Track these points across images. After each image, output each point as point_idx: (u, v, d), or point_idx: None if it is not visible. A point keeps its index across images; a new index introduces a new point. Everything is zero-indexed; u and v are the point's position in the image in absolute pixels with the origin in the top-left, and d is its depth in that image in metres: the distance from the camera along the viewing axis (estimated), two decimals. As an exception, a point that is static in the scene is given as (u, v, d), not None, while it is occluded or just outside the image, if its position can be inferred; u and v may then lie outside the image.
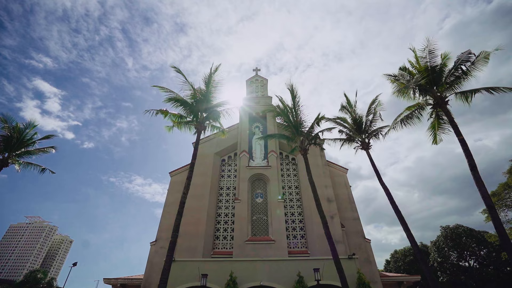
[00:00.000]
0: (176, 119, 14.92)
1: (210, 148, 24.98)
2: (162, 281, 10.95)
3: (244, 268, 14.75)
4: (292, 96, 17.34)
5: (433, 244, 39.39)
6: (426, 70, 12.89)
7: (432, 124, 14.17)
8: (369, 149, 16.14)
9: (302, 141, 16.83)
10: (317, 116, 16.30)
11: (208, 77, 15.34)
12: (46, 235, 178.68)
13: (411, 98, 14.25)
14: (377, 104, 16.93)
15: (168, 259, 11.76)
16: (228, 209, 22.28)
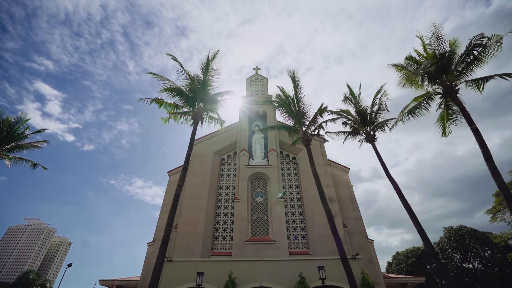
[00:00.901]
0: (172, 109, 14.29)
1: (209, 147, 24.57)
2: (154, 278, 10.44)
3: (244, 269, 14.23)
4: (294, 84, 16.64)
5: (436, 246, 38.70)
6: (434, 57, 12.22)
7: (441, 115, 13.52)
8: (375, 142, 15.52)
9: (305, 132, 16.30)
10: (320, 107, 15.59)
11: (206, 65, 14.61)
12: (45, 237, 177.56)
13: (418, 88, 13.57)
14: (383, 94, 16.19)
15: (161, 255, 11.24)
16: (228, 208, 21.79)
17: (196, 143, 25.23)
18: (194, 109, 14.45)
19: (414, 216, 13.23)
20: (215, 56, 14.93)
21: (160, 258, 11.14)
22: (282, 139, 24.78)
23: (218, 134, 25.54)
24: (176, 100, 14.48)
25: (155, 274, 10.58)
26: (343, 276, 13.18)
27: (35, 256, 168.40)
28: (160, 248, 11.35)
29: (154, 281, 10.38)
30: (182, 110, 14.74)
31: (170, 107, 14.57)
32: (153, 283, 10.29)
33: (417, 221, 12.95)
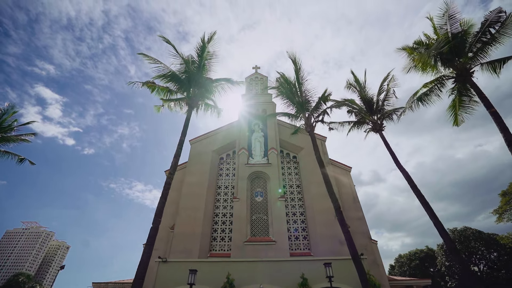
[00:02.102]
0: (165, 94, 13.42)
1: (208, 145, 24.00)
2: (138, 275, 9.66)
3: (243, 270, 13.53)
4: (295, 68, 15.64)
5: (440, 248, 37.83)
6: (446, 38, 11.33)
7: (453, 102, 12.71)
8: (382, 131, 14.72)
9: (308, 117, 15.55)
10: (324, 93, 14.70)
11: (201, 47, 13.59)
12: (43, 241, 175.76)
13: (428, 73, 12.71)
14: (391, 80, 15.21)
15: (148, 249, 10.39)
16: (226, 208, 21.14)
17: (194, 142, 24.73)
18: (188, 93, 13.63)
19: (430, 207, 12.41)
20: (211, 38, 13.91)
21: (147, 252, 10.32)
22: (282, 138, 24.25)
23: (217, 133, 25.03)
24: (170, 85, 13.62)
25: (141, 270, 9.83)
26: (347, 277, 12.58)
27: (33, 259, 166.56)
28: (147, 241, 10.50)
29: (139, 278, 9.61)
30: (176, 96, 13.86)
31: (163, 92, 13.66)
32: (138, 280, 9.52)
33: (432, 213, 12.09)
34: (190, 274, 11.92)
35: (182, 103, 13.81)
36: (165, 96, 13.50)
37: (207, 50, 13.90)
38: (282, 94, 16.06)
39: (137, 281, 9.54)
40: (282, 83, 15.66)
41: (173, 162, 12.55)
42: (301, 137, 24.65)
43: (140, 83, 13.14)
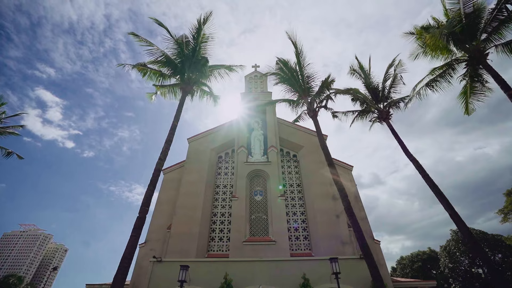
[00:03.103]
0: (158, 79, 12.79)
1: (206, 144, 23.52)
2: (121, 270, 8.89)
3: (241, 270, 12.94)
4: (296, 51, 14.65)
5: (443, 249, 37.12)
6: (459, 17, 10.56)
7: (464, 89, 12.03)
8: (390, 120, 14.12)
9: (310, 102, 14.82)
10: (327, 79, 13.87)
11: (197, 29, 12.71)
12: (41, 244, 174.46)
13: (439, 58, 11.94)
14: (398, 65, 14.33)
15: (133, 241, 9.65)
16: (225, 208, 20.60)
17: (192, 140, 24.25)
18: (183, 78, 12.92)
19: (445, 198, 11.76)
20: (207, 19, 12.93)
21: (132, 244, 9.60)
22: (282, 136, 23.81)
23: (216, 131, 24.58)
24: (163, 70, 12.88)
25: (124, 265, 9.06)
26: (351, 278, 12.02)
27: (30, 262, 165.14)
28: (133, 232, 9.80)
29: (121, 273, 8.87)
30: (170, 81, 13.20)
31: (155, 77, 12.88)
32: (120, 275, 8.80)
33: (448, 204, 11.48)
34: (181, 270, 11.17)
35: (177, 89, 13.09)
36: (157, 81, 12.77)
37: (203, 33, 13.06)
38: (282, 80, 15.00)
39: (119, 276, 8.83)
40: (282, 68, 14.84)
41: (164, 148, 11.86)
42: (301, 136, 24.24)
43: (130, 65, 12.37)
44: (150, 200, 10.61)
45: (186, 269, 11.26)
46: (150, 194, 10.62)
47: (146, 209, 10.31)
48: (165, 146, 11.64)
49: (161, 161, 11.21)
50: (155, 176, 10.97)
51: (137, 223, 10.02)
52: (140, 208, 10.21)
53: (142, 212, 10.17)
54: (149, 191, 10.67)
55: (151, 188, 10.72)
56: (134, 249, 9.59)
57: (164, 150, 11.57)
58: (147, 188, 10.77)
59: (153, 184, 10.86)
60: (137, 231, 9.87)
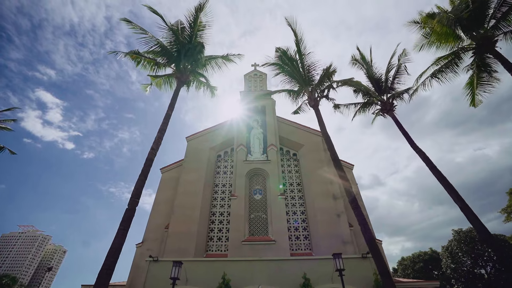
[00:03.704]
0: (152, 68, 12.25)
1: (205, 142, 23.20)
2: (106, 265, 8.32)
3: (240, 270, 12.59)
4: (296, 40, 13.87)
5: (445, 250, 36.68)
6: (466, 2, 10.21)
7: (471, 79, 11.53)
8: (393, 111, 13.63)
9: (311, 91, 14.26)
10: (328, 68, 13.36)
11: (194, 16, 12.11)
12: (39, 245, 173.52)
13: (444, 47, 11.41)
14: (402, 55, 13.73)
15: (121, 233, 9.01)
16: (224, 207, 20.26)
17: (191, 139, 23.92)
18: (178, 67, 12.39)
19: (453, 188, 11.30)
20: (203, 6, 12.28)
21: (120, 238, 8.93)
22: (282, 135, 23.52)
23: (215, 130, 24.28)
24: (159, 60, 12.29)
25: (110, 259, 8.45)
26: (353, 277, 11.67)
27: (29, 264, 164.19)
28: (121, 225, 9.21)
29: (107, 268, 8.27)
30: (165, 71, 12.73)
31: (150, 66, 12.31)
32: (105, 271, 8.19)
33: (458, 196, 11.06)
34: (173, 267, 10.56)
35: (172, 80, 12.60)
36: (152, 70, 12.26)
37: (199, 21, 12.52)
38: (282, 70, 14.47)
39: (104, 271, 8.20)
40: (282, 58, 14.22)
41: (157, 137, 11.27)
42: (301, 134, 23.94)
43: (122, 53, 11.81)
44: (140, 191, 10.03)
45: (179, 266, 10.75)
46: (140, 185, 10.05)
47: (136, 200, 9.74)
48: (158, 135, 11.06)
49: (153, 150, 10.63)
50: (147, 166, 10.42)
51: (126, 215, 9.42)
52: (130, 200, 9.63)
53: (131, 203, 9.55)
54: (140, 181, 10.09)
55: (142, 179, 10.09)
56: (122, 243, 8.92)
57: (156, 140, 10.98)
58: (138, 178, 10.18)
59: (144, 174, 10.27)
60: (126, 224, 9.26)
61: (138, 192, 9.89)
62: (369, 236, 10.57)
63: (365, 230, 10.76)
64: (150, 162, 10.41)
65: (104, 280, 8.07)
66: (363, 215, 11.14)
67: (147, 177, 10.25)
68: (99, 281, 7.96)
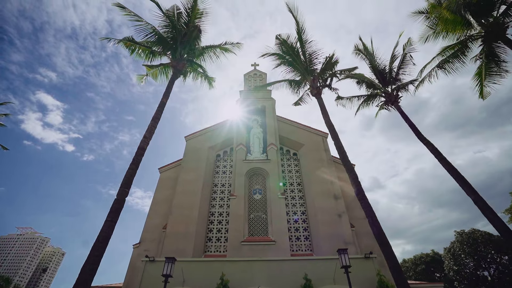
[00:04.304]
0: (147, 56, 11.77)
1: (204, 142, 22.89)
2: (90, 259, 7.68)
3: (239, 270, 12.19)
4: (297, 28, 13.21)
5: (447, 251, 36.15)
6: None
7: (479, 70, 11.01)
8: (398, 103, 13.22)
9: (313, 80, 13.65)
10: (330, 58, 12.86)
11: (192, 4, 11.56)
12: (37, 247, 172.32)
13: (451, 37, 10.86)
14: (407, 44, 13.19)
15: (108, 225, 8.37)
16: (223, 207, 19.90)
17: (190, 138, 23.61)
18: (174, 55, 11.88)
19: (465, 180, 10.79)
20: None
21: (107, 230, 8.31)
22: (282, 134, 23.23)
23: (214, 129, 23.99)
24: (154, 48, 11.76)
25: (94, 253, 7.78)
26: (356, 278, 11.25)
27: (27, 266, 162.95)
28: (108, 217, 8.60)
29: (91, 263, 7.63)
30: (161, 60, 12.27)
31: (144, 54, 11.81)
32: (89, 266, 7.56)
33: (471, 188, 10.59)
34: (166, 263, 9.97)
35: (168, 69, 12.19)
36: (147, 59, 11.82)
37: (197, 8, 12.00)
38: (282, 59, 13.97)
39: (87, 267, 7.51)
40: (282, 47, 13.74)
41: (150, 125, 10.76)
42: (301, 134, 23.65)
43: (115, 40, 11.26)
44: (131, 180, 9.45)
45: (172, 262, 10.18)
46: (131, 174, 9.46)
47: (125, 190, 9.10)
48: (152, 123, 10.51)
49: (146, 139, 10.08)
50: (138, 155, 9.89)
51: (114, 206, 8.75)
52: (119, 190, 9.07)
53: (120, 194, 8.92)
54: (131, 170, 9.48)
55: (132, 168, 9.54)
56: (108, 236, 8.31)
57: (150, 128, 10.47)
58: (129, 167, 9.60)
59: (135, 163, 9.70)
60: (114, 215, 8.63)
61: (128, 182, 9.29)
62: (378, 228, 9.89)
63: (373, 222, 10.08)
64: (142, 151, 9.85)
65: (87, 277, 7.30)
66: (370, 206, 10.50)
67: (139, 166, 9.77)
68: (81, 278, 7.19)
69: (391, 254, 9.33)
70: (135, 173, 9.59)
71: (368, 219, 10.23)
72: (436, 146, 11.68)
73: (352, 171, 11.39)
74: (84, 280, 7.26)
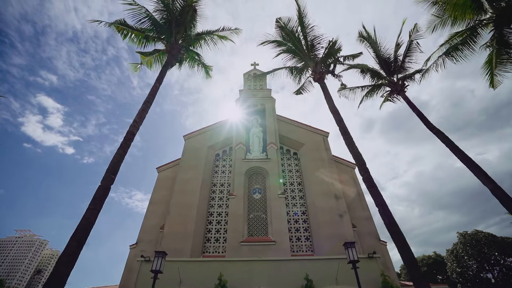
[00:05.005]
0: (140, 42, 11.29)
1: (203, 141, 22.57)
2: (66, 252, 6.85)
3: (238, 271, 11.80)
4: (298, 11, 12.66)
5: (450, 253, 35.60)
6: None
7: (489, 57, 10.49)
8: (405, 92, 12.69)
9: (316, 65, 13.05)
10: (334, 43, 12.22)
11: None
12: (36, 250, 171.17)
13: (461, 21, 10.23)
14: (413, 30, 12.47)
15: (90, 213, 7.64)
16: (222, 207, 19.52)
17: (188, 137, 23.28)
18: (169, 39, 11.30)
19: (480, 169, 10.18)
20: None
21: (88, 218, 7.56)
22: (282, 134, 22.92)
23: (213, 128, 23.70)
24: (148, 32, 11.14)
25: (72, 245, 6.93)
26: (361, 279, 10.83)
27: (25, 269, 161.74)
28: (91, 204, 7.88)
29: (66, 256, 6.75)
30: (155, 45, 11.80)
31: (138, 39, 11.24)
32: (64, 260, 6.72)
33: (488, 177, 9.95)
34: (155, 258, 9.37)
35: (163, 57, 11.78)
36: (140, 44, 11.35)
37: None
38: (281, 45, 13.40)
39: (62, 260, 6.72)
40: (283, 29, 13.10)
41: (141, 109, 10.15)
42: (301, 133, 23.34)
43: (106, 22, 10.80)
44: (118, 166, 8.79)
45: (162, 257, 9.59)
46: (118, 159, 8.78)
47: (111, 177, 8.38)
48: (143, 107, 9.92)
49: (135, 123, 9.43)
50: (127, 139, 9.29)
51: (98, 193, 8.01)
52: (105, 175, 8.37)
53: (105, 180, 8.19)
54: (118, 156, 8.79)
55: (120, 153, 8.86)
56: (89, 226, 7.52)
57: (140, 112, 9.86)
58: (116, 152, 8.92)
59: (124, 148, 9.02)
60: (97, 202, 7.84)
61: (115, 167, 8.58)
62: (389, 217, 9.01)
63: (384, 210, 9.27)
64: (131, 135, 9.28)
65: (64, 268, 6.41)
66: (380, 194, 9.74)
67: (127, 152, 9.22)
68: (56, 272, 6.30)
69: (405, 245, 8.43)
70: (123, 158, 9.00)
71: (379, 207, 9.52)
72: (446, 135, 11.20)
73: (359, 157, 10.65)
74: (58, 274, 6.33)
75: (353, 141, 11.06)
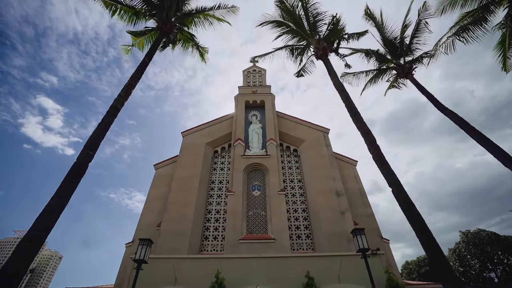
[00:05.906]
0: (131, 19, 10.57)
1: (201, 137, 22.15)
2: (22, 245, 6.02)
3: (236, 268, 11.35)
4: None
5: (452, 252, 35.12)
6: None
7: (502, 37, 9.93)
8: (413, 75, 12.08)
9: (318, 41, 12.31)
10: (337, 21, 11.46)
11: None
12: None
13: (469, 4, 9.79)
14: (422, 9, 11.59)
15: (61, 193, 6.85)
16: (220, 205, 19.07)
17: (186, 134, 22.86)
18: (161, 15, 10.55)
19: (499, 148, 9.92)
20: None
21: (58, 199, 6.78)
22: (282, 130, 22.55)
23: (212, 125, 23.29)
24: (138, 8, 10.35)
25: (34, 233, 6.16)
26: (363, 277, 10.42)
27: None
28: (63, 184, 7.00)
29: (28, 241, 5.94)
30: (145, 23, 11.24)
31: (127, 15, 10.53)
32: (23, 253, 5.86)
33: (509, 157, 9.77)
34: (139, 246, 8.47)
35: (156, 36, 11.24)
36: (130, 22, 10.68)
37: None
38: (282, 27, 12.66)
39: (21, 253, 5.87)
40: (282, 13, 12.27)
41: (127, 83, 9.44)
42: (302, 129, 22.94)
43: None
44: (98, 142, 7.93)
45: (147, 245, 8.65)
46: (98, 134, 7.93)
47: (89, 153, 7.47)
48: (129, 81, 9.19)
49: (120, 98, 8.66)
50: (110, 114, 8.46)
51: (72, 170, 7.05)
52: (81, 152, 7.43)
53: (82, 156, 7.21)
54: (98, 130, 7.96)
55: (101, 128, 8.01)
56: (58, 210, 6.65)
57: (126, 86, 9.06)
58: (97, 127, 8.08)
59: (105, 123, 8.21)
60: (69, 182, 6.93)
61: (95, 143, 7.77)
62: (405, 197, 7.99)
63: (398, 191, 8.30)
64: (114, 110, 8.47)
65: (23, 262, 5.69)
66: (393, 173, 8.84)
67: (109, 128, 8.40)
68: (11, 263, 5.63)
69: (425, 229, 7.34)
70: (104, 134, 8.20)
71: (392, 187, 8.64)
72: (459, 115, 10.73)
73: (368, 134, 9.87)
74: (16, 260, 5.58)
75: (361, 117, 10.31)
